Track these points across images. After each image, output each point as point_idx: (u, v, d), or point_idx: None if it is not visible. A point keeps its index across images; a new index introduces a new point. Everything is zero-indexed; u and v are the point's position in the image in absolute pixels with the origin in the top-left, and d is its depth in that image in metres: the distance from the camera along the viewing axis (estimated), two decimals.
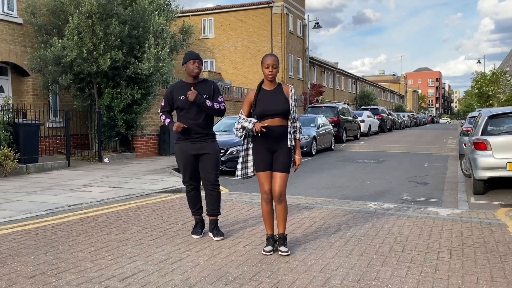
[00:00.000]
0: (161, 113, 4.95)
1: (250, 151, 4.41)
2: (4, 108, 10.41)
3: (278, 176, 4.29)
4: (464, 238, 5.01)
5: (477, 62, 54.61)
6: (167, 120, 4.86)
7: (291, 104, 4.28)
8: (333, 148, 18.57)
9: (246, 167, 4.45)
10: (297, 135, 4.38)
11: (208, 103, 4.74)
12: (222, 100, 4.91)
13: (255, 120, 4.23)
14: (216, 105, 4.79)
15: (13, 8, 13.24)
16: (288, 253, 4.28)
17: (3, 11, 12.90)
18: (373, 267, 4.01)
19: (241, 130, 4.36)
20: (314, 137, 16.29)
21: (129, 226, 5.40)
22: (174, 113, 4.99)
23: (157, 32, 13.24)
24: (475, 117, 14.39)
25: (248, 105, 4.38)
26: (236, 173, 4.49)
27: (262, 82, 4.40)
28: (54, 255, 4.24)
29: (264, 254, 4.29)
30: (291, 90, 4.33)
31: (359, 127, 25.85)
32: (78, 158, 13.13)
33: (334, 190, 9.11)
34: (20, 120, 10.69)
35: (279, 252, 4.29)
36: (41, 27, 13.17)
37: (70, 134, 12.41)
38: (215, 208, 4.91)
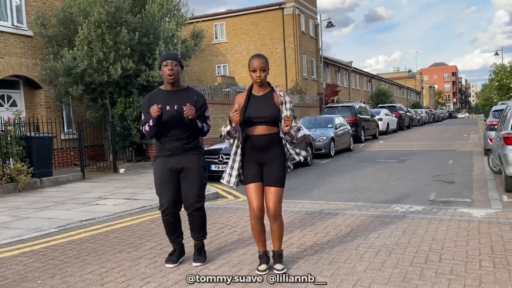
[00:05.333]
0: (142, 126, 4.08)
1: (239, 157, 3.87)
2: (16, 122, 10.24)
3: (270, 191, 3.77)
4: (505, 243, 4.58)
5: (494, 54, 53.65)
6: (150, 122, 3.93)
7: (284, 109, 3.75)
8: (351, 148, 18.12)
9: (238, 174, 3.91)
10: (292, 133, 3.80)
11: (199, 124, 4.02)
12: (208, 115, 4.21)
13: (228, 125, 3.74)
14: (205, 127, 4.10)
15: (23, 21, 13.13)
16: (284, 270, 3.80)
17: (13, 25, 12.80)
18: (410, 281, 3.62)
19: (227, 136, 3.81)
20: (332, 138, 15.87)
21: (142, 242, 5.09)
22: None
23: (168, 38, 13.00)
24: (499, 110, 13.84)
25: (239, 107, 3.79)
26: (225, 179, 3.91)
27: (252, 86, 3.86)
28: (62, 279, 3.94)
29: (258, 274, 3.80)
30: (280, 95, 3.80)
31: (377, 126, 25.30)
32: (93, 169, 12.94)
33: (357, 193, 8.71)
34: (32, 134, 10.53)
35: (274, 270, 3.80)
36: (51, 38, 13.04)
37: (84, 145, 12.22)
38: (199, 232, 4.21)
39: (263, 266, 3.87)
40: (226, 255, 4.48)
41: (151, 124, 3.96)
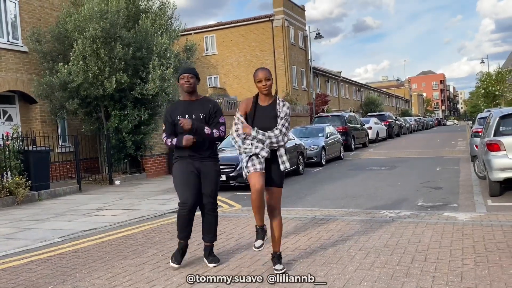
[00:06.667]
0: (165, 137, 4.52)
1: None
2: (14, 136, 10.45)
3: (273, 191, 4.16)
4: (486, 243, 4.90)
5: (481, 62, 54.49)
6: (174, 140, 4.44)
7: (280, 118, 4.11)
8: (342, 156, 18.45)
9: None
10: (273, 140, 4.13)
11: (207, 130, 4.38)
12: (223, 121, 4.56)
13: (268, 150, 4.04)
14: (215, 132, 4.44)
15: (18, 37, 13.38)
16: (284, 270, 4.08)
17: (8, 41, 13.04)
18: (397, 279, 3.91)
19: (244, 144, 4.10)
20: (323, 147, 16.20)
21: (145, 249, 5.34)
22: None
23: (161, 52, 13.31)
24: (484, 118, 14.25)
25: (244, 112, 4.19)
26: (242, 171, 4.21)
27: (257, 96, 4.21)
28: (72, 284, 4.19)
29: (255, 250, 4.20)
30: (280, 105, 4.15)
31: (367, 134, 25.69)
32: (89, 181, 13.13)
33: (348, 200, 9.00)
34: (30, 148, 10.73)
35: (274, 271, 4.08)
36: (46, 54, 13.29)
37: (80, 158, 12.42)
38: (211, 233, 4.61)
39: (259, 242, 4.20)
40: (224, 260, 4.74)
41: (174, 143, 4.42)
